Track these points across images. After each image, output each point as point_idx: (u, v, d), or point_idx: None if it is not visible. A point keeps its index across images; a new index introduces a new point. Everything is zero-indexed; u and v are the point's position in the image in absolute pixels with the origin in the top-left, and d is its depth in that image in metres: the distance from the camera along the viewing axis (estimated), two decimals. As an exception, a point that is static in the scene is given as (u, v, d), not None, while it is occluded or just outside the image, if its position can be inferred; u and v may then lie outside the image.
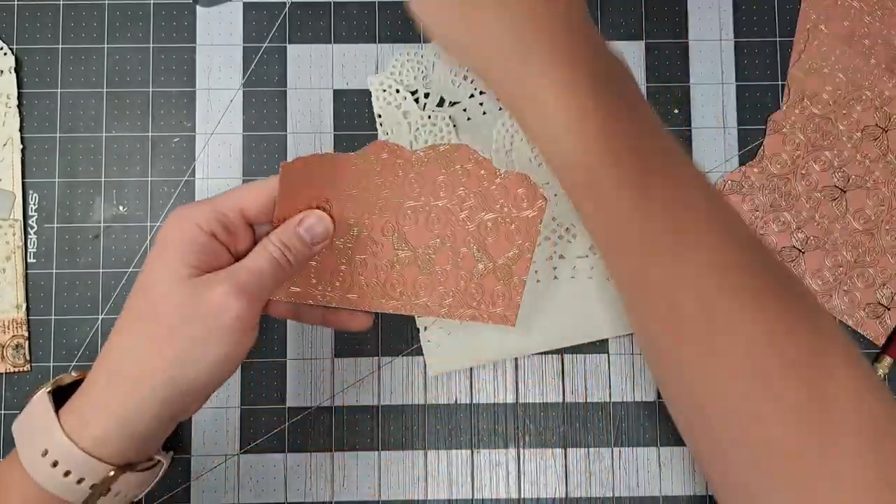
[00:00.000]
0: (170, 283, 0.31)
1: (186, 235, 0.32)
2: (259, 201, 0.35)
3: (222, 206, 0.34)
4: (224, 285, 0.31)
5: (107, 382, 0.32)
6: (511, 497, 0.48)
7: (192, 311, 0.31)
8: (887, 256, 0.49)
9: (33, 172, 0.49)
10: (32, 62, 0.50)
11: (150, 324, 0.31)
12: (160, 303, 0.31)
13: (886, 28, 0.50)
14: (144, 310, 0.32)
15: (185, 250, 0.32)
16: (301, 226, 0.36)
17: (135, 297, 0.33)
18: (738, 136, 0.50)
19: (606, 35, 0.51)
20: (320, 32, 0.51)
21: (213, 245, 0.33)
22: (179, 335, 0.31)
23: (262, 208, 0.35)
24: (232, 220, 0.34)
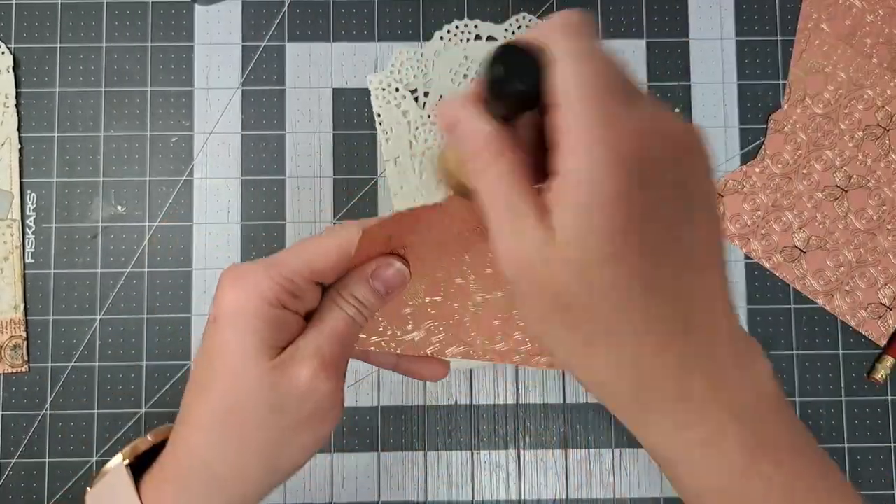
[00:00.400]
0: (248, 370, 0.28)
1: (255, 311, 0.28)
2: (330, 261, 0.30)
3: (289, 272, 0.29)
4: (309, 367, 0.28)
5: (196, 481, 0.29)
6: (511, 498, 0.48)
7: (279, 402, 0.28)
8: (889, 256, 0.49)
9: (31, 172, 0.49)
10: (31, 61, 0.50)
11: (235, 417, 0.29)
12: (243, 395, 0.28)
13: (888, 27, 0.50)
14: (226, 402, 0.29)
15: (256, 329, 0.28)
16: (376, 278, 0.31)
17: (209, 385, 0.29)
18: (740, 136, 0.50)
19: (607, 34, 0.51)
20: (319, 31, 0.51)
21: (284, 317, 0.29)
22: (267, 430, 0.28)
23: (334, 268, 0.30)
24: (300, 286, 0.29)
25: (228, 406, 0.29)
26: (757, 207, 0.49)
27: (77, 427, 0.48)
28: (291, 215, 0.49)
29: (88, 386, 0.48)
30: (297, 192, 0.49)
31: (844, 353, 0.49)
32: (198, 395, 0.29)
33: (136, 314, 0.48)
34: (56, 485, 0.47)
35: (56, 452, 0.48)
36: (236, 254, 0.49)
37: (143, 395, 0.48)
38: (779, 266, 0.49)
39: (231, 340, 0.28)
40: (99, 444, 0.48)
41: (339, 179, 0.50)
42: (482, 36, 0.50)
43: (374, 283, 0.31)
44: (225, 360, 0.28)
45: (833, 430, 0.48)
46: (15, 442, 0.47)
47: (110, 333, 0.48)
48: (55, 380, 0.48)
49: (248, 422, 0.28)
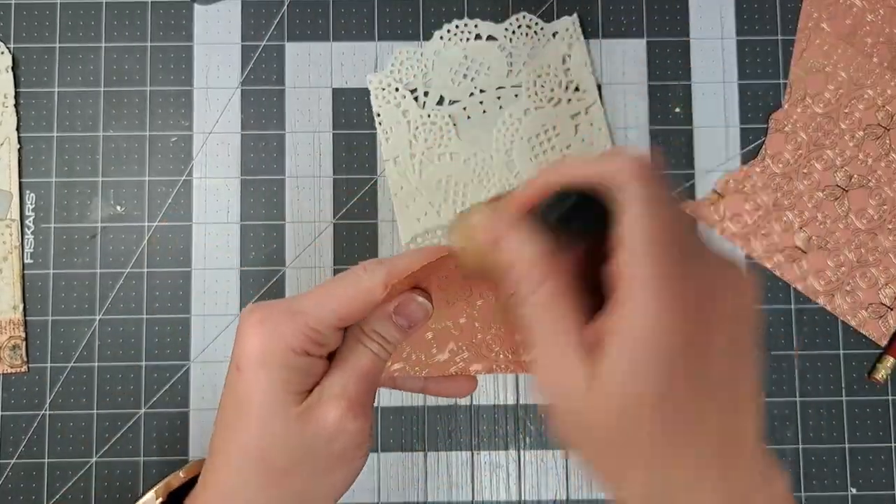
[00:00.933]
0: (276, 417, 0.28)
1: (280, 360, 0.28)
2: (355, 310, 0.29)
3: (315, 321, 0.29)
4: (336, 409, 0.28)
5: None
6: (511, 499, 0.48)
7: (308, 445, 0.28)
8: (890, 256, 0.49)
9: (30, 172, 0.49)
10: (30, 61, 0.50)
11: (265, 462, 0.28)
12: (272, 441, 0.28)
13: (889, 26, 0.50)
14: (256, 447, 0.29)
15: (282, 377, 0.28)
16: (399, 314, 0.31)
17: (237, 429, 0.29)
18: (740, 135, 0.50)
19: (607, 34, 0.51)
20: (319, 30, 0.50)
21: (309, 363, 0.29)
22: (298, 474, 0.28)
23: (359, 315, 0.30)
24: (325, 333, 0.29)
25: (258, 451, 0.29)
26: (757, 207, 0.49)
27: (76, 427, 0.48)
28: (291, 215, 0.49)
29: (88, 386, 0.48)
30: (296, 191, 0.49)
31: (845, 353, 0.49)
32: (227, 439, 0.29)
33: (136, 314, 0.48)
34: (56, 485, 0.47)
35: (55, 453, 0.47)
36: (236, 254, 0.49)
37: (143, 395, 0.48)
38: (779, 266, 0.49)
39: (257, 389, 0.28)
40: (98, 444, 0.48)
41: (339, 179, 0.50)
42: (482, 35, 0.50)
43: (397, 318, 0.31)
44: (252, 408, 0.28)
45: (833, 430, 0.48)
46: (14, 442, 0.47)
47: (109, 334, 0.48)
48: (54, 380, 0.48)
49: (279, 466, 0.28)
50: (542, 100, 0.49)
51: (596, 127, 0.50)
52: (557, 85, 0.50)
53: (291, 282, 0.49)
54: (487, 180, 0.49)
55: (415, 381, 0.35)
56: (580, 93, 0.50)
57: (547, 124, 0.49)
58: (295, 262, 0.49)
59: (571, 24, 0.50)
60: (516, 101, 0.50)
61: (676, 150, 0.50)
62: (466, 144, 0.49)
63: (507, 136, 0.49)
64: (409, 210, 0.49)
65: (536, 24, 0.50)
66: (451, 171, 0.49)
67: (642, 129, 0.50)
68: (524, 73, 0.50)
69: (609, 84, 0.50)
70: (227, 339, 0.48)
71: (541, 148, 0.49)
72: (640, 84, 0.50)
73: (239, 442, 0.29)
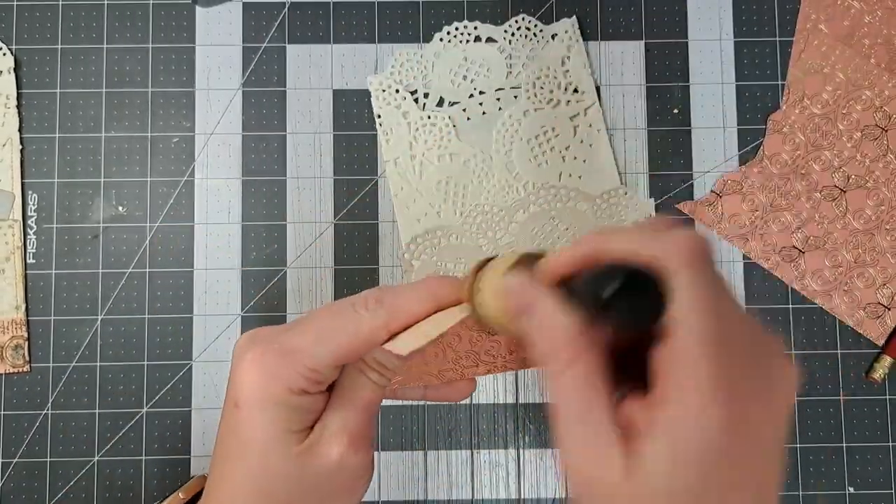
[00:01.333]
0: (277, 456, 0.28)
1: (279, 400, 0.27)
2: (354, 350, 0.28)
3: (312, 361, 0.28)
4: (338, 445, 0.28)
5: None
6: (511, 498, 0.48)
7: (311, 482, 0.28)
8: (887, 256, 0.49)
9: (32, 173, 0.49)
10: (32, 62, 0.50)
11: (262, 498, 0.28)
12: (273, 478, 0.28)
13: (886, 28, 0.50)
14: (257, 483, 0.28)
15: (281, 417, 0.28)
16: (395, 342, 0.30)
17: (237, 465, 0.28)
18: (738, 136, 0.50)
19: (606, 35, 0.51)
20: (319, 32, 0.51)
21: (309, 401, 0.28)
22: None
23: (359, 355, 0.29)
24: (323, 373, 0.28)
25: (260, 487, 0.28)
26: (755, 208, 0.50)
27: (78, 427, 0.48)
28: (292, 215, 0.49)
29: (90, 386, 0.48)
30: (297, 192, 0.50)
31: (843, 353, 0.49)
32: (227, 474, 0.29)
33: (138, 314, 0.49)
34: (58, 484, 0.47)
35: (57, 452, 0.48)
36: (237, 254, 0.49)
37: (145, 394, 0.48)
38: (777, 266, 0.49)
39: (258, 428, 0.28)
40: (100, 443, 0.48)
41: (340, 180, 0.50)
42: (482, 37, 0.50)
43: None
44: (253, 445, 0.28)
45: (832, 430, 0.49)
46: (16, 442, 0.48)
47: (111, 333, 0.48)
48: (56, 380, 0.48)
49: (281, 500, 0.28)
50: (541, 101, 0.50)
51: (595, 128, 0.50)
52: (556, 86, 0.50)
53: (292, 282, 0.49)
54: (487, 181, 0.49)
55: (415, 390, 0.35)
56: (579, 94, 0.50)
57: (546, 125, 0.50)
58: (296, 263, 0.49)
59: (570, 26, 0.50)
60: (516, 102, 0.50)
61: (675, 151, 0.50)
62: (466, 145, 0.50)
63: (507, 138, 0.49)
64: (409, 211, 0.49)
65: (536, 27, 0.50)
66: (451, 172, 0.49)
67: (641, 131, 0.50)
68: (523, 74, 0.50)
69: (608, 85, 0.50)
70: (229, 338, 0.49)
71: (540, 149, 0.49)
72: (639, 85, 0.51)
73: (239, 477, 0.28)
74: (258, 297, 0.49)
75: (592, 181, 0.49)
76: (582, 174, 0.49)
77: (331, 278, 0.49)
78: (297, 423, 0.28)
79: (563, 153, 0.50)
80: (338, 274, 0.49)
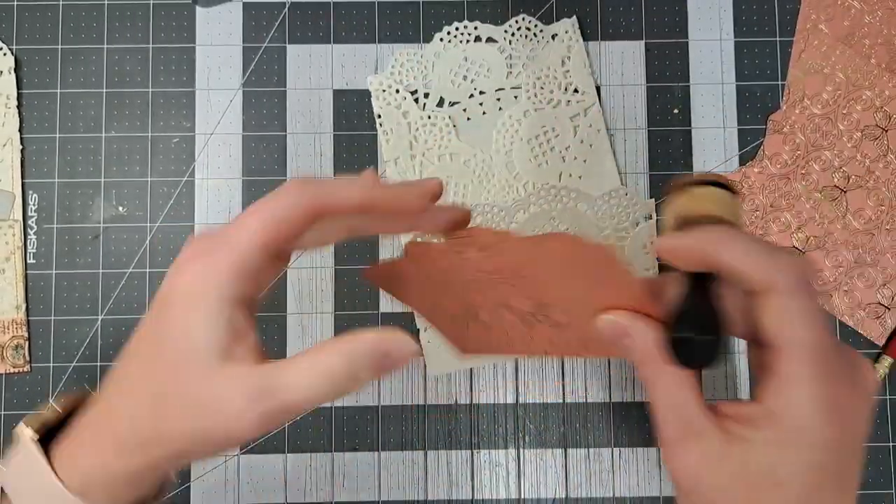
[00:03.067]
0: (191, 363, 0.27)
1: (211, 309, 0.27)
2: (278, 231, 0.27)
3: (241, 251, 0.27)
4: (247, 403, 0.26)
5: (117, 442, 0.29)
6: (511, 497, 0.48)
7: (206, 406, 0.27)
8: (887, 256, 0.49)
9: (33, 173, 0.49)
10: (32, 63, 0.50)
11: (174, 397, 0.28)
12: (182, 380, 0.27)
13: (886, 28, 0.50)
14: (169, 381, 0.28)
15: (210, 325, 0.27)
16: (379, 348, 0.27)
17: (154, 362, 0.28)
18: (738, 136, 0.50)
19: (607, 35, 0.51)
20: (320, 32, 0.51)
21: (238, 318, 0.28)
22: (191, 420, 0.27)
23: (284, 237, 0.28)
24: (254, 264, 0.27)
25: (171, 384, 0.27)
26: (755, 208, 0.50)
27: (79, 427, 0.48)
28: (292, 216, 0.49)
29: (90, 386, 0.48)
30: (297, 192, 0.50)
31: (843, 353, 0.49)
32: (140, 368, 0.29)
33: (138, 314, 0.49)
34: (58, 484, 0.47)
35: (58, 452, 0.48)
36: (237, 254, 0.49)
37: (145, 394, 0.48)
38: (777, 266, 0.49)
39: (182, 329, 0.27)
40: (100, 443, 0.48)
41: (340, 180, 0.50)
42: (482, 37, 0.50)
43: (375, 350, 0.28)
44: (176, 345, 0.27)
45: (832, 430, 0.49)
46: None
47: (112, 334, 0.48)
48: (57, 380, 0.48)
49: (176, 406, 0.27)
50: (541, 101, 0.50)
51: (595, 128, 0.50)
52: (557, 86, 0.50)
53: (292, 282, 0.49)
54: (487, 181, 0.49)
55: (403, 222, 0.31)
56: (579, 94, 0.50)
57: (546, 125, 0.50)
58: (296, 263, 0.49)
59: (571, 26, 0.50)
60: (516, 102, 0.50)
61: (675, 151, 0.50)
62: (466, 145, 0.50)
63: (507, 138, 0.49)
64: (409, 211, 0.49)
65: (536, 27, 0.50)
66: (452, 172, 0.49)
67: (641, 131, 0.50)
68: (524, 74, 0.50)
69: (608, 85, 0.51)
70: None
71: (540, 149, 0.49)
72: (639, 85, 0.51)
73: (154, 373, 0.28)
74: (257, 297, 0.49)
75: (592, 181, 0.49)
76: (582, 174, 0.49)
77: (331, 278, 0.49)
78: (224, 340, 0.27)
79: (563, 153, 0.50)
80: (338, 274, 0.49)
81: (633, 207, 0.49)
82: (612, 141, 0.50)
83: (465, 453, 0.48)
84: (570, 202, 0.49)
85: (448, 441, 0.48)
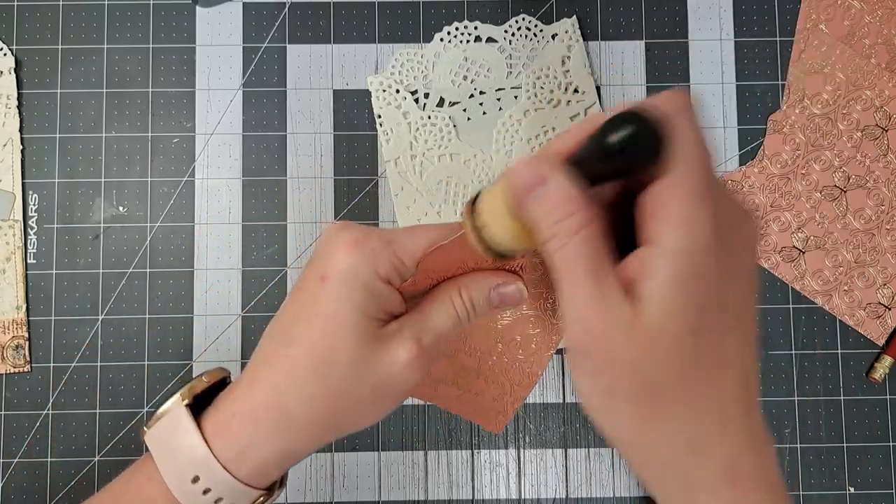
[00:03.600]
0: (349, 336, 0.29)
1: (367, 283, 0.29)
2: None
3: (403, 253, 0.29)
4: (407, 352, 0.29)
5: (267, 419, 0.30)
6: (511, 497, 0.48)
7: (363, 374, 0.29)
8: (887, 256, 0.49)
9: (33, 173, 0.49)
10: (32, 63, 0.50)
11: (324, 371, 0.29)
12: (338, 356, 0.29)
13: (887, 28, 0.50)
14: (321, 357, 0.29)
15: (365, 299, 0.29)
16: (498, 289, 0.31)
17: (303, 337, 0.30)
18: (738, 136, 0.50)
19: (607, 35, 0.51)
20: (320, 32, 0.51)
21: (391, 294, 0.30)
22: (352, 395, 0.29)
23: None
24: (408, 267, 0.30)
25: (322, 360, 0.29)
26: (756, 208, 0.50)
27: (79, 427, 0.48)
28: (292, 216, 0.50)
29: (90, 386, 0.48)
30: (297, 192, 0.50)
31: (843, 353, 0.49)
32: (288, 344, 0.30)
33: (138, 314, 0.49)
34: (58, 484, 0.47)
35: (58, 452, 0.48)
36: (238, 254, 0.49)
37: (145, 394, 0.48)
38: (777, 266, 0.49)
39: (339, 303, 0.29)
40: (101, 443, 0.48)
41: (340, 180, 0.50)
42: (482, 37, 0.50)
43: (493, 293, 0.31)
44: (328, 320, 0.29)
45: (832, 430, 0.49)
46: (17, 442, 0.48)
47: (112, 333, 0.48)
48: (57, 380, 0.48)
49: (336, 381, 0.29)
50: (541, 101, 0.50)
51: (595, 128, 0.50)
52: (557, 86, 0.50)
53: (293, 282, 0.49)
54: (488, 181, 0.49)
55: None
56: (579, 94, 0.50)
57: (546, 125, 0.50)
58: (296, 263, 0.49)
59: (571, 26, 0.50)
60: (516, 102, 0.50)
61: (675, 151, 0.50)
62: (466, 145, 0.50)
63: (507, 138, 0.49)
64: (409, 211, 0.49)
65: (536, 27, 0.50)
66: (452, 172, 0.49)
67: (641, 130, 0.50)
68: (524, 74, 0.50)
69: (608, 85, 0.51)
70: (229, 338, 0.49)
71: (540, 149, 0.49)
72: (639, 85, 0.51)
73: (303, 347, 0.29)
74: (258, 297, 0.49)
75: (593, 181, 0.49)
76: (582, 174, 0.49)
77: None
78: (375, 311, 0.29)
79: (563, 153, 0.50)
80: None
81: (634, 207, 0.49)
82: (612, 141, 0.50)
83: (465, 453, 0.48)
84: None
85: (448, 441, 0.48)
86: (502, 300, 0.31)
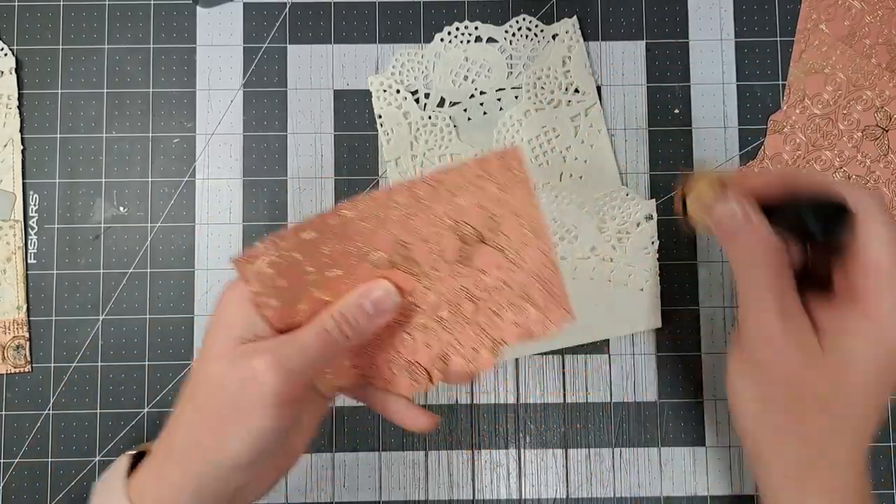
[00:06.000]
0: (217, 355, 0.31)
1: (241, 310, 0.32)
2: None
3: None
4: (262, 358, 0.30)
5: (164, 455, 0.32)
6: (512, 498, 0.48)
7: (228, 383, 0.30)
8: (888, 256, 0.49)
9: (34, 173, 0.49)
10: (33, 63, 0.50)
11: (198, 395, 0.32)
12: (207, 375, 0.31)
13: (887, 28, 0.50)
14: (198, 381, 0.32)
15: (234, 324, 0.32)
16: (365, 297, 0.32)
17: (194, 369, 0.33)
18: (739, 136, 0.50)
19: (607, 35, 0.51)
20: (320, 33, 0.51)
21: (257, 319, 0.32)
22: (216, 408, 0.30)
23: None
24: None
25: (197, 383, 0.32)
26: (756, 208, 0.50)
27: (80, 427, 0.48)
28: (293, 216, 0.50)
29: (91, 386, 0.48)
30: (298, 192, 0.50)
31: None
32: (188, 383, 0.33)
33: (139, 314, 0.49)
34: (59, 485, 0.48)
35: (59, 452, 0.48)
36: (238, 254, 0.49)
37: (146, 394, 0.48)
38: (778, 266, 0.49)
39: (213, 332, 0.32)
40: (102, 444, 0.48)
41: (341, 180, 0.50)
42: (482, 37, 0.50)
43: (361, 299, 0.32)
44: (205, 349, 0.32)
45: (832, 430, 0.49)
46: (17, 442, 0.48)
47: (113, 334, 0.49)
48: (58, 380, 0.48)
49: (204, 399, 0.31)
50: (542, 101, 0.50)
51: (595, 128, 0.50)
52: (557, 87, 0.50)
53: (293, 282, 0.49)
54: (488, 181, 0.49)
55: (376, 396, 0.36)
56: (580, 94, 0.50)
57: (547, 126, 0.50)
58: (296, 263, 0.49)
59: (571, 27, 0.50)
60: (516, 102, 0.50)
61: (675, 151, 0.50)
62: (467, 146, 0.50)
63: (508, 138, 0.49)
64: (409, 211, 0.49)
65: (536, 27, 0.50)
66: (452, 172, 0.49)
67: (641, 131, 0.50)
68: (524, 75, 0.50)
69: (608, 85, 0.51)
70: (230, 339, 0.49)
71: (541, 149, 0.50)
72: (640, 85, 0.51)
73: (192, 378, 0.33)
74: (259, 297, 0.49)
75: (593, 181, 0.49)
76: (583, 174, 0.49)
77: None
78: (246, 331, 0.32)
79: (563, 153, 0.50)
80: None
81: (634, 208, 0.49)
82: (612, 141, 0.50)
83: (465, 453, 0.48)
84: (570, 202, 0.49)
85: (449, 441, 0.48)
86: (376, 306, 0.32)
